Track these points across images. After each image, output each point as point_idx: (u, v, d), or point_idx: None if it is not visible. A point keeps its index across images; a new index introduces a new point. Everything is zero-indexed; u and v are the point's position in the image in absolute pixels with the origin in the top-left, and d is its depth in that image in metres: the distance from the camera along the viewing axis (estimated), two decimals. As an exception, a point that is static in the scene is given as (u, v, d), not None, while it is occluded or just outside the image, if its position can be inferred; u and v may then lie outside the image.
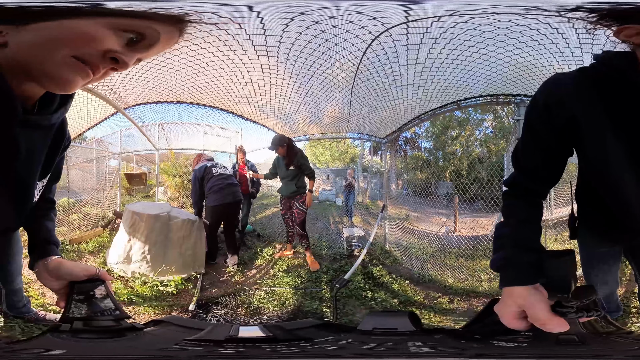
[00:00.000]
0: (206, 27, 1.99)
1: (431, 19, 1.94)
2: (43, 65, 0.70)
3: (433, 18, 1.93)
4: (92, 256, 3.89)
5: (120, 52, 0.73)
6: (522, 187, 0.99)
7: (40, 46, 0.69)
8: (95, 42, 0.70)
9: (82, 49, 0.70)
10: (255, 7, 1.34)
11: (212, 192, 4.05)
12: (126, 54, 0.74)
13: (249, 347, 0.82)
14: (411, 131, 5.31)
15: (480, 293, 3.32)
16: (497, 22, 2.02)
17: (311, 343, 0.83)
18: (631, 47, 0.79)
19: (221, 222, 4.16)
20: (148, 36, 0.74)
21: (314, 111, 4.42)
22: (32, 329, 2.07)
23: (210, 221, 4.04)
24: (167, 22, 0.77)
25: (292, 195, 4.38)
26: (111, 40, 0.71)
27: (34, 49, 0.70)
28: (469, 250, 3.95)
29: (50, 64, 0.70)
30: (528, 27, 2.11)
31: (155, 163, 5.45)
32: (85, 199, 4.97)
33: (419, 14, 1.80)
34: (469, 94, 3.69)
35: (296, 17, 1.77)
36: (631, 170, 0.87)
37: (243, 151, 4.95)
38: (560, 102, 0.87)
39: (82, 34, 0.69)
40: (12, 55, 0.70)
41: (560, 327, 0.73)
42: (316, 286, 3.49)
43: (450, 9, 1.47)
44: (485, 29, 2.21)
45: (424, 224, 4.83)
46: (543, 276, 0.83)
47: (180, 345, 0.80)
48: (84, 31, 0.69)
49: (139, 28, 0.72)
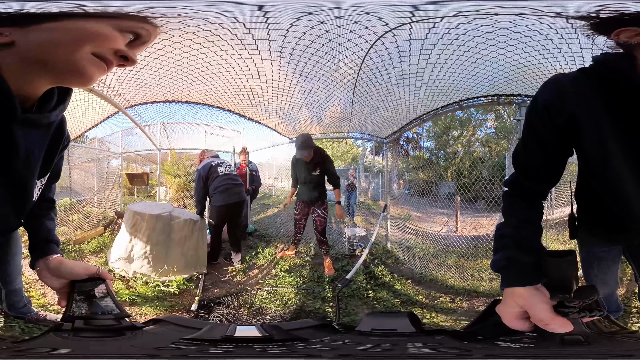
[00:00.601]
0: (210, 26, 2.00)
1: (434, 19, 1.94)
2: (66, 62, 0.74)
3: (436, 19, 1.93)
4: (93, 256, 3.90)
5: (127, 50, 0.78)
6: (523, 187, 0.99)
7: (62, 45, 0.73)
8: (110, 41, 0.75)
9: (101, 47, 0.75)
10: (262, 7, 1.34)
11: (218, 191, 4.01)
12: (132, 51, 0.80)
13: (240, 347, 0.82)
14: (413, 131, 5.31)
15: (481, 293, 3.31)
16: (499, 22, 2.02)
17: (304, 343, 0.83)
18: (629, 49, 0.80)
19: (226, 222, 4.13)
20: (142, 35, 0.80)
21: (316, 111, 4.41)
22: (32, 329, 2.08)
23: (216, 221, 4.02)
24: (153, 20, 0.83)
25: (312, 201, 4.12)
26: (120, 40, 0.77)
27: (53, 47, 0.73)
28: (470, 250, 3.94)
29: (74, 61, 0.74)
30: (529, 28, 2.12)
31: (156, 163, 5.46)
32: (87, 199, 4.98)
33: (423, 15, 1.79)
34: (471, 94, 3.69)
35: (302, 17, 1.78)
36: (630, 170, 0.87)
37: (246, 152, 4.91)
38: (560, 102, 0.87)
39: (100, 34, 0.75)
40: (21, 53, 0.72)
41: (564, 327, 0.73)
42: (318, 286, 3.49)
43: (454, 9, 1.47)
44: (487, 29, 2.21)
45: (426, 224, 4.83)
46: (544, 276, 0.83)
47: (177, 344, 0.80)
48: (101, 31, 0.75)
49: (135, 28, 0.78)
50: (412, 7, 1.40)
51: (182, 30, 2.08)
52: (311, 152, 3.92)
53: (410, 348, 0.78)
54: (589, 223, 1.26)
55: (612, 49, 0.83)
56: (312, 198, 4.10)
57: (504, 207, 1.01)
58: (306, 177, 4.08)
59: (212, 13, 0.94)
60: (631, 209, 0.93)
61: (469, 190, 4.38)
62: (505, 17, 1.80)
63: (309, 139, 3.93)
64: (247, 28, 2.06)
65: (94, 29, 0.74)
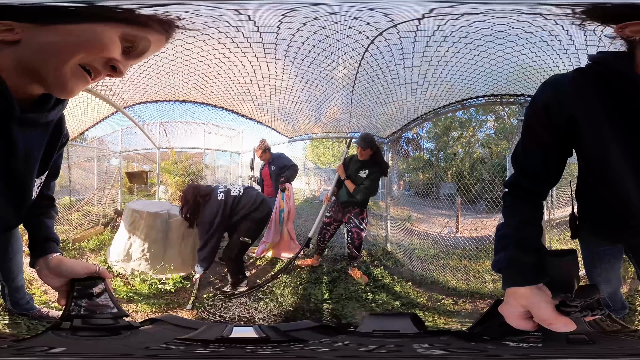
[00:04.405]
0: (208, 25, 1.99)
1: (443, 17, 1.93)
2: (53, 72, 0.73)
3: (440, 18, 1.93)
4: (93, 254, 3.90)
5: (119, 60, 0.77)
6: (523, 187, 1.00)
7: (53, 53, 0.72)
8: (104, 50, 0.74)
9: (91, 58, 0.74)
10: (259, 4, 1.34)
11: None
12: (123, 62, 0.78)
13: (232, 348, 0.82)
14: (413, 132, 5.30)
15: (485, 294, 3.30)
16: (500, 22, 2.02)
17: (301, 345, 0.82)
18: (631, 45, 0.79)
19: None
20: (140, 45, 0.78)
21: (315, 110, 4.39)
22: (36, 326, 2.10)
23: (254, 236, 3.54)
24: (161, 27, 0.80)
25: (350, 205, 3.72)
26: (118, 49, 0.75)
27: (46, 55, 0.72)
28: (472, 251, 3.93)
29: (60, 72, 0.73)
30: (531, 26, 2.11)
31: (156, 162, 5.46)
32: (87, 198, 4.99)
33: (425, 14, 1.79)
34: (472, 94, 3.68)
35: (297, 14, 1.77)
36: (630, 169, 0.88)
37: (266, 148, 4.45)
38: (558, 102, 0.88)
39: (96, 42, 0.73)
40: (22, 55, 0.72)
41: (567, 326, 0.73)
42: (317, 286, 3.48)
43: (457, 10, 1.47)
44: (490, 29, 2.20)
45: (426, 225, 4.82)
46: (546, 276, 0.83)
47: (170, 344, 0.80)
48: (99, 39, 0.73)
49: (134, 37, 0.76)
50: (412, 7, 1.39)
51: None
52: (368, 150, 3.68)
53: (419, 349, 0.78)
54: (590, 222, 1.26)
55: (613, 38, 0.83)
56: (351, 202, 3.74)
57: (504, 208, 1.03)
58: (353, 177, 3.76)
59: (209, 12, 0.94)
60: (632, 207, 0.94)
61: (469, 191, 4.37)
62: (506, 15, 1.79)
63: (370, 137, 3.75)
64: (246, 26, 2.06)
65: (90, 37, 0.72)
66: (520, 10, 1.19)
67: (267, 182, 4.46)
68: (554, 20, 1.71)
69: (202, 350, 0.79)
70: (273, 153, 4.54)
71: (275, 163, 4.42)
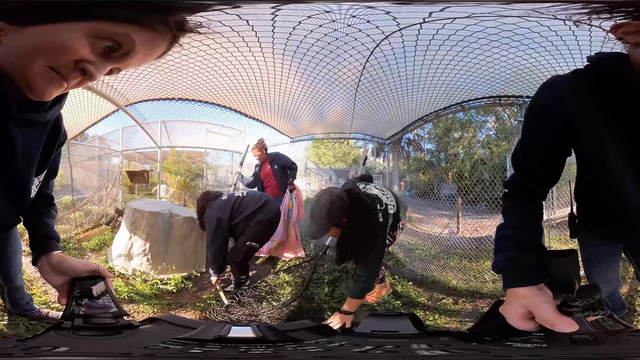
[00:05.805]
0: (211, 24, 1.99)
1: (443, 21, 1.94)
2: (24, 73, 0.72)
3: (446, 20, 1.93)
4: (94, 253, 3.90)
5: (91, 61, 0.72)
6: (522, 188, 1.01)
7: (22, 55, 0.71)
8: (68, 52, 0.70)
9: (56, 60, 0.71)
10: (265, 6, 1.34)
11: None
12: (97, 63, 0.74)
13: (226, 348, 0.82)
14: (414, 133, 5.30)
15: (485, 294, 3.30)
16: (501, 24, 2.02)
17: (296, 345, 0.82)
18: (626, 47, 0.80)
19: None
20: (124, 45, 0.73)
21: (318, 111, 4.39)
22: (35, 326, 2.10)
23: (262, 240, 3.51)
24: (155, 26, 0.75)
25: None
26: (84, 49, 0.71)
27: (17, 56, 0.71)
28: (472, 252, 3.93)
29: (29, 73, 0.71)
30: (530, 29, 2.12)
31: (157, 161, 5.45)
32: (88, 197, 4.99)
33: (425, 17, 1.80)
34: (472, 96, 3.69)
35: (306, 17, 1.78)
36: (628, 169, 0.88)
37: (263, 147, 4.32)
38: (557, 103, 0.89)
39: (56, 44, 0.69)
40: (2, 56, 0.72)
41: (570, 327, 0.73)
42: (318, 289, 3.48)
43: (459, 12, 1.47)
44: (489, 31, 2.21)
45: (427, 226, 4.82)
46: (546, 276, 0.83)
47: (168, 343, 0.81)
48: (58, 40, 0.69)
49: (115, 36, 0.71)
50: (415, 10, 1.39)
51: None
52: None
53: (417, 350, 0.78)
54: (589, 222, 1.27)
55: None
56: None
57: (504, 208, 1.04)
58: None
59: (215, 11, 0.93)
60: (630, 207, 0.94)
61: (470, 191, 4.37)
62: (508, 18, 1.80)
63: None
64: (251, 25, 2.06)
65: (51, 38, 0.69)
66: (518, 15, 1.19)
67: (269, 183, 4.42)
68: (550, 23, 1.72)
69: (198, 349, 0.79)
70: (270, 152, 4.49)
71: (277, 162, 4.39)
